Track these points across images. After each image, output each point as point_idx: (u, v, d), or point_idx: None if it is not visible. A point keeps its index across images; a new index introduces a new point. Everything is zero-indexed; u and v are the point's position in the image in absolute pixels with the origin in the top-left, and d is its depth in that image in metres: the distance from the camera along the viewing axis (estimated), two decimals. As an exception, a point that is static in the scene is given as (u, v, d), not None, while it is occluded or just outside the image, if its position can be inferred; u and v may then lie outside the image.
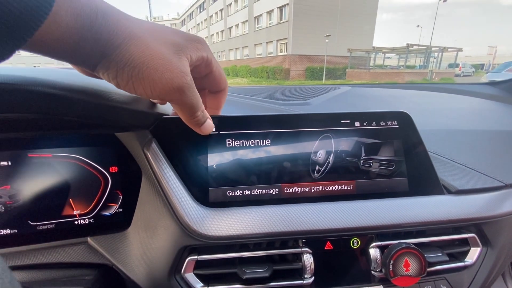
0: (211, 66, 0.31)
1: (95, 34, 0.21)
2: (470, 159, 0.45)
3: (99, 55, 0.23)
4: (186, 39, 0.28)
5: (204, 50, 0.29)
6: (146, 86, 0.25)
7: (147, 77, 0.25)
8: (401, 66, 18.83)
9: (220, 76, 0.33)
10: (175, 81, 0.26)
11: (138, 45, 0.24)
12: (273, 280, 0.34)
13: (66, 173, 0.36)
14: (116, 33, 0.23)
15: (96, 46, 0.22)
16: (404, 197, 0.38)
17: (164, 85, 0.25)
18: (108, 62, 0.23)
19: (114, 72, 0.24)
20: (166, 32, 0.27)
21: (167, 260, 0.34)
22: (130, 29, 0.23)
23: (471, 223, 0.38)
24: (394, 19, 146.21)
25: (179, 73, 0.26)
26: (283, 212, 0.35)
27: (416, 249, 0.34)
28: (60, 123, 0.33)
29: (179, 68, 0.26)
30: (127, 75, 0.24)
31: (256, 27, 21.89)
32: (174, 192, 0.34)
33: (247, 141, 0.38)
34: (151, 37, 0.25)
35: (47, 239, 0.36)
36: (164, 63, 0.25)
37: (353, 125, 0.39)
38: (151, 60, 0.24)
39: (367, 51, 18.26)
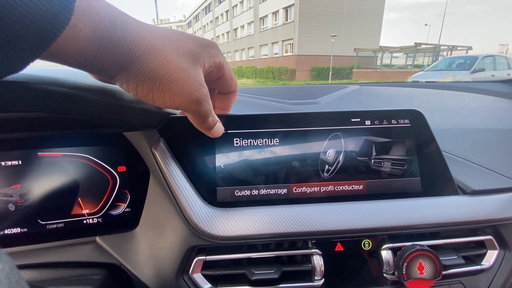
0: (223, 70, 0.31)
1: (114, 46, 0.21)
2: (486, 158, 0.44)
3: (118, 67, 0.23)
4: (201, 46, 0.28)
5: (217, 55, 0.29)
6: (166, 98, 0.26)
7: (168, 90, 0.25)
8: (409, 66, 18.56)
9: (231, 79, 0.33)
10: (194, 94, 0.26)
11: (158, 58, 0.24)
12: (282, 281, 0.34)
13: (75, 173, 0.36)
14: (135, 45, 0.23)
15: (115, 58, 0.22)
16: (417, 198, 0.37)
17: (184, 97, 0.26)
18: (127, 74, 0.24)
19: (134, 84, 0.24)
20: (182, 40, 0.27)
21: (175, 260, 0.33)
22: (149, 40, 0.23)
23: (487, 225, 0.37)
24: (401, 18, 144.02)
25: (197, 86, 0.26)
26: (292, 212, 0.34)
27: (431, 252, 0.32)
28: (69, 123, 0.33)
29: (197, 80, 0.26)
30: (148, 87, 0.25)
31: (262, 28, 21.91)
32: (182, 192, 0.34)
33: (255, 141, 0.37)
34: (169, 48, 0.25)
35: (56, 238, 0.36)
36: (183, 76, 0.25)
37: (363, 123, 0.38)
38: (171, 74, 0.24)
39: (374, 50, 18.07)
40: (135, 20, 0.23)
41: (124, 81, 0.24)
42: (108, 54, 0.21)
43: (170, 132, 0.36)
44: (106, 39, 0.20)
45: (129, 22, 0.22)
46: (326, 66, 17.70)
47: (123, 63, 0.23)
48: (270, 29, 20.72)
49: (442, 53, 17.09)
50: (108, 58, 0.22)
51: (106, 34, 0.20)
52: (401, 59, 24.12)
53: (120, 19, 0.22)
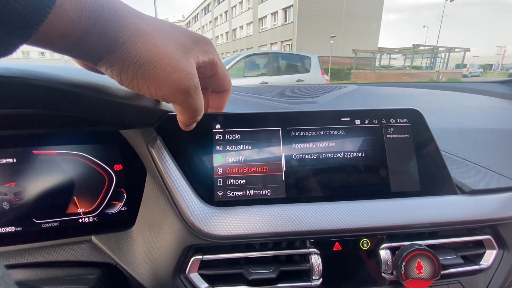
0: (216, 68, 0.31)
1: (100, 28, 0.20)
2: (484, 158, 0.43)
3: (103, 51, 0.22)
4: (194, 40, 0.27)
5: (210, 52, 0.29)
6: (151, 86, 0.24)
7: (153, 77, 0.24)
8: (407, 67, 18.65)
9: (224, 77, 0.33)
10: (182, 82, 0.25)
11: (145, 42, 0.23)
12: (279, 281, 0.33)
13: (71, 171, 0.36)
14: (123, 28, 0.22)
15: (101, 41, 0.21)
16: (415, 197, 0.37)
17: (170, 85, 0.24)
18: (113, 59, 0.23)
19: (119, 69, 0.23)
20: (174, 31, 0.26)
21: (172, 260, 0.33)
22: (138, 25, 0.23)
23: (486, 225, 0.37)
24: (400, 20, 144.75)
25: (186, 75, 0.25)
26: (290, 211, 0.34)
27: (430, 251, 0.32)
28: (64, 120, 0.33)
29: (187, 69, 0.25)
30: (132, 73, 0.23)
31: (261, 28, 21.93)
32: (179, 190, 0.33)
33: (253, 139, 0.37)
34: (159, 35, 0.24)
35: (51, 237, 0.36)
36: (171, 63, 0.24)
37: (363, 122, 0.38)
38: (158, 59, 0.23)
39: (373, 52, 18.13)
40: (125, 5, 0.23)
41: (109, 66, 0.23)
42: (93, 37, 0.21)
43: (167, 130, 0.36)
44: (92, 21, 0.20)
45: (118, 5, 0.22)
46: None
47: (109, 47, 0.22)
48: (269, 29, 20.75)
49: (440, 54, 17.18)
50: (93, 41, 0.21)
51: (92, 16, 0.20)
52: (400, 61, 24.22)
53: (108, 1, 0.21)
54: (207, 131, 0.36)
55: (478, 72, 20.57)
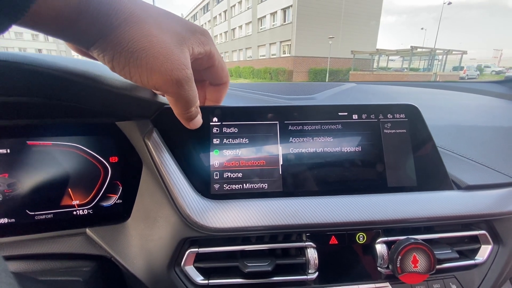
0: (213, 60, 0.30)
1: (93, 11, 0.20)
2: (480, 155, 0.44)
3: (95, 34, 0.21)
4: (190, 30, 0.27)
5: (207, 43, 0.28)
6: (143, 74, 0.24)
7: (145, 65, 0.23)
8: (405, 69, 18.74)
9: (222, 70, 0.32)
10: (174, 73, 0.24)
11: (139, 29, 0.22)
12: (275, 274, 0.33)
13: (66, 162, 0.35)
14: (116, 12, 0.21)
15: (93, 24, 0.21)
16: (412, 192, 0.37)
17: (162, 75, 0.24)
18: (105, 43, 0.22)
19: (111, 55, 0.23)
20: (170, 19, 0.25)
21: (167, 252, 0.33)
22: (132, 10, 0.22)
23: (481, 220, 0.37)
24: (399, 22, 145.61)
25: (179, 65, 0.24)
26: (287, 205, 0.34)
27: (425, 245, 0.32)
28: (59, 110, 0.32)
29: (180, 59, 0.24)
30: (124, 59, 0.23)
31: (260, 28, 21.93)
32: (175, 183, 0.33)
33: (250, 133, 0.37)
34: (154, 22, 0.23)
35: (45, 229, 0.35)
36: (165, 52, 0.23)
37: (360, 117, 0.38)
38: (151, 47, 0.23)
39: (371, 53, 18.20)
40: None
41: (101, 51, 0.23)
42: (87, 19, 0.20)
43: (164, 123, 0.36)
44: (85, 2, 0.19)
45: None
46: (323, 67, 17.79)
47: (101, 30, 0.21)
48: (268, 30, 20.75)
49: (438, 57, 17.29)
50: (87, 23, 0.20)
51: (83, 2, 0.19)
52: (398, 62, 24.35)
53: None
54: (204, 124, 0.36)
55: (475, 74, 20.74)
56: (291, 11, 17.95)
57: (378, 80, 14.35)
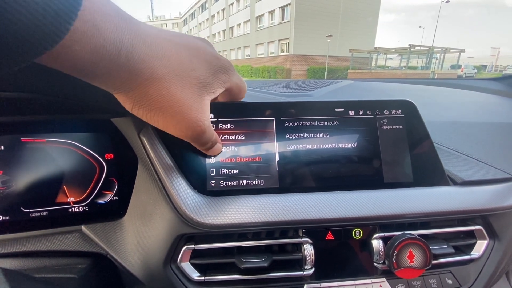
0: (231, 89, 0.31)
1: (112, 71, 0.20)
2: (477, 151, 0.44)
3: (113, 89, 0.22)
4: (213, 72, 0.26)
5: (228, 81, 0.29)
6: (161, 126, 0.25)
7: (163, 121, 0.24)
8: (403, 67, 18.79)
9: (239, 93, 0.33)
10: (190, 130, 0.26)
11: (159, 88, 0.22)
12: (272, 270, 0.33)
13: (61, 159, 0.35)
14: (137, 74, 0.21)
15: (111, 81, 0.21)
16: (408, 188, 0.37)
17: (177, 131, 0.26)
18: (124, 97, 0.23)
19: (129, 105, 0.24)
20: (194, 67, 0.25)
21: (163, 249, 0.33)
22: (155, 69, 0.22)
23: (477, 215, 0.37)
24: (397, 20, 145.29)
25: (195, 122, 0.25)
26: (283, 201, 0.34)
27: (421, 240, 0.32)
28: (54, 106, 0.32)
29: (197, 116, 0.25)
30: (142, 112, 0.24)
31: (258, 27, 21.88)
32: (171, 179, 0.33)
33: (246, 129, 0.36)
34: (175, 78, 0.23)
35: (40, 227, 0.35)
36: (182, 111, 0.24)
37: (357, 113, 0.38)
38: (169, 107, 0.23)
39: (369, 51, 18.22)
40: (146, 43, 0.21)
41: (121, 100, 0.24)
42: (104, 76, 0.20)
43: None
44: (104, 63, 0.19)
45: (137, 47, 0.20)
46: (322, 66, 17.78)
47: (120, 87, 0.21)
48: (266, 28, 20.71)
49: (436, 55, 17.34)
50: (104, 79, 0.20)
51: (106, 59, 0.18)
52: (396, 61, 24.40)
53: (127, 42, 0.19)
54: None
55: (473, 73, 20.82)
56: (289, 9, 17.92)
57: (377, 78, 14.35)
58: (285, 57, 18.86)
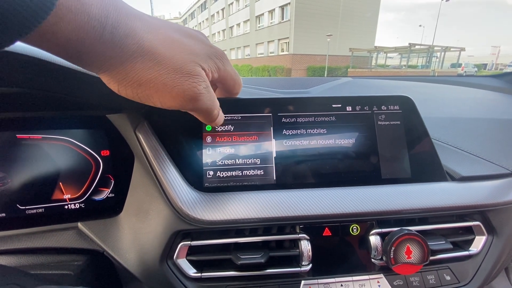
0: (226, 79, 0.30)
1: (98, 47, 0.19)
2: (475, 146, 0.44)
3: (99, 68, 0.21)
4: (208, 54, 0.26)
5: (221, 68, 0.28)
6: (155, 100, 0.24)
7: (155, 93, 0.23)
8: (403, 66, 18.77)
9: (234, 85, 0.32)
10: (187, 92, 0.24)
11: (146, 61, 0.22)
12: (269, 266, 0.33)
13: (56, 156, 0.35)
14: (122, 49, 0.20)
15: (97, 59, 0.20)
16: (406, 184, 0.37)
17: (175, 98, 0.24)
18: (109, 76, 0.22)
19: (116, 85, 0.22)
20: (187, 41, 0.24)
21: (159, 245, 0.33)
22: (141, 42, 0.21)
23: (475, 211, 0.37)
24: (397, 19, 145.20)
25: (191, 83, 0.24)
26: (280, 197, 0.33)
27: (419, 236, 0.32)
28: (50, 102, 0.32)
29: (191, 76, 0.24)
30: (131, 90, 0.23)
31: (258, 26, 21.85)
32: (167, 176, 0.33)
33: (243, 125, 0.36)
34: (165, 48, 0.22)
35: (36, 224, 0.35)
36: (174, 77, 0.23)
37: (354, 109, 0.38)
38: (159, 76, 0.22)
39: (369, 50, 18.19)
40: (133, 18, 0.21)
41: (106, 80, 0.23)
42: (89, 55, 0.19)
43: (155, 115, 0.35)
44: (90, 40, 0.18)
45: (122, 22, 0.20)
46: (322, 65, 17.76)
47: (106, 64, 0.21)
48: (266, 27, 20.68)
49: (436, 54, 17.31)
50: (89, 58, 0.20)
51: (91, 35, 0.18)
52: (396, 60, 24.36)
53: (113, 18, 0.19)
54: None
55: (473, 71, 20.78)
56: (289, 8, 17.89)
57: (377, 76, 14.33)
58: (285, 56, 18.84)
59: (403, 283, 0.35)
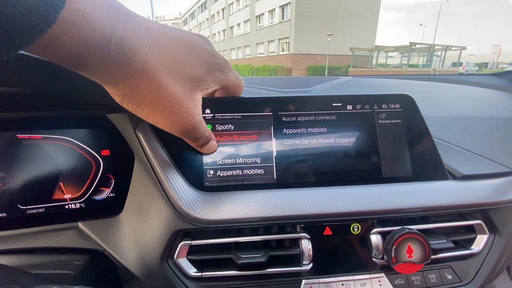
0: (227, 87, 0.31)
1: (102, 62, 0.19)
2: (476, 145, 0.43)
3: (103, 81, 0.21)
4: (209, 70, 0.26)
5: (223, 80, 0.28)
6: (150, 120, 0.25)
7: (152, 115, 0.24)
8: (403, 65, 18.74)
9: (236, 90, 0.33)
10: (180, 125, 0.25)
11: (149, 82, 0.22)
12: (269, 266, 0.33)
13: (57, 156, 0.35)
14: (127, 66, 0.20)
15: (99, 74, 0.20)
16: (407, 183, 0.37)
17: (168, 126, 0.25)
18: (114, 90, 0.22)
19: (119, 98, 0.23)
20: (188, 62, 0.24)
21: (160, 245, 0.32)
22: (146, 62, 0.21)
23: (477, 209, 0.37)
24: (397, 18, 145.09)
25: (185, 117, 0.25)
26: (281, 196, 0.33)
27: (420, 234, 0.32)
28: (50, 102, 0.32)
29: (187, 110, 0.25)
30: (132, 106, 0.24)
31: (258, 26, 21.85)
32: (167, 175, 0.33)
33: (243, 124, 0.36)
34: (167, 72, 0.22)
35: (37, 224, 0.35)
36: (172, 105, 0.23)
37: (355, 108, 0.38)
38: (159, 101, 0.23)
39: (370, 50, 18.18)
40: (137, 34, 0.20)
41: (111, 92, 0.23)
42: (93, 67, 0.19)
43: None
44: (94, 54, 0.18)
45: (128, 38, 0.20)
46: (322, 65, 17.75)
47: (110, 79, 0.21)
48: (266, 27, 20.68)
49: (437, 53, 17.28)
50: (93, 71, 0.20)
51: (96, 50, 0.18)
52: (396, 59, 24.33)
53: (118, 34, 0.19)
54: None
55: (474, 70, 20.73)
56: (289, 8, 17.87)
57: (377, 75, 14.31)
58: (286, 56, 18.83)
59: (404, 282, 0.35)
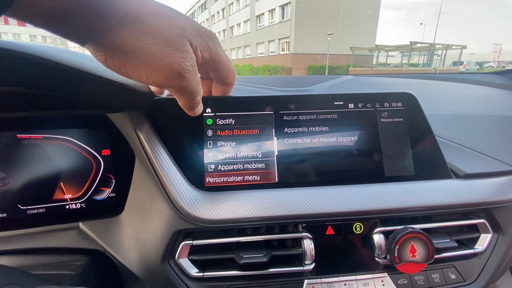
0: (219, 65, 0.29)
1: (86, 11, 0.19)
2: (479, 143, 0.43)
3: (86, 35, 0.20)
4: (196, 30, 0.25)
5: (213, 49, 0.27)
6: (142, 73, 0.23)
7: (142, 64, 0.22)
8: (404, 65, 18.70)
9: (228, 72, 0.31)
10: (174, 66, 0.23)
11: (133, 29, 0.21)
12: (271, 266, 0.33)
13: (57, 156, 0.35)
14: (109, 14, 0.20)
15: (84, 25, 0.19)
16: (409, 181, 0.36)
17: (162, 71, 0.23)
18: (96, 45, 0.21)
19: (103, 55, 0.22)
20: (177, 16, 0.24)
21: (161, 245, 0.32)
22: (129, 8, 0.20)
23: (480, 208, 0.36)
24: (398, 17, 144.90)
25: (179, 57, 0.23)
26: (282, 195, 0.33)
27: (423, 234, 0.32)
28: (50, 102, 0.31)
29: (179, 52, 0.23)
30: (119, 60, 0.22)
31: (258, 26, 21.82)
32: (168, 174, 0.33)
33: (244, 123, 0.36)
34: (153, 19, 0.22)
35: (37, 224, 0.35)
36: (162, 49, 0.22)
37: (356, 106, 0.38)
38: (146, 46, 0.22)
39: (370, 49, 18.14)
40: None
41: (93, 51, 0.22)
42: (77, 20, 0.19)
43: (156, 114, 0.35)
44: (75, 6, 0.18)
45: None
46: (323, 64, 17.72)
47: (92, 32, 0.20)
48: (266, 27, 20.65)
49: (437, 52, 17.24)
50: (77, 24, 0.19)
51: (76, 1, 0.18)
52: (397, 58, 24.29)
53: None
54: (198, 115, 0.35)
55: (475, 69, 20.67)
56: (289, 8, 17.85)
57: (378, 76, 14.29)
58: (286, 55, 18.80)
59: (407, 282, 0.34)
